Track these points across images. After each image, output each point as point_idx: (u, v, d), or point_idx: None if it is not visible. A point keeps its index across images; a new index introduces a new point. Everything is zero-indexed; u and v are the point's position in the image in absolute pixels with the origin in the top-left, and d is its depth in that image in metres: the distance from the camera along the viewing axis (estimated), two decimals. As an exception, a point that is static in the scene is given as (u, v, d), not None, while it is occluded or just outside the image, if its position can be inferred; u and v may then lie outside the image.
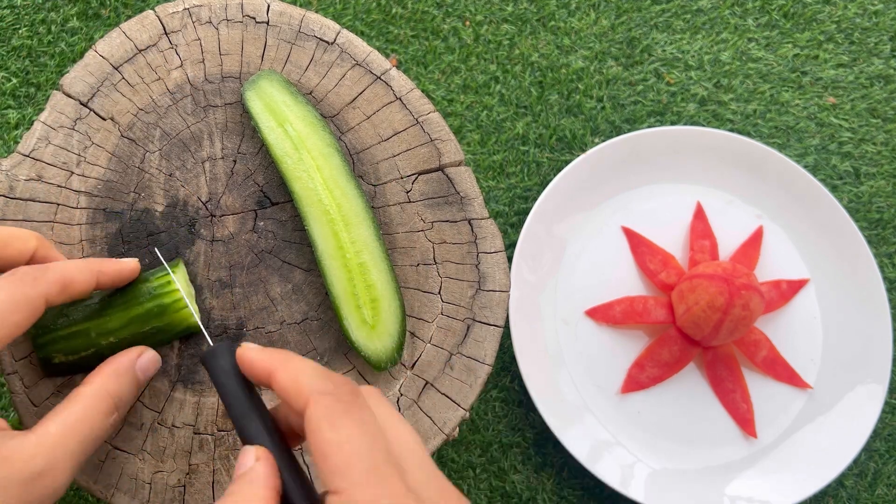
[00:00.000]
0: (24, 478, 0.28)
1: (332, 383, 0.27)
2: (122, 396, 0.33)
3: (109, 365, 0.34)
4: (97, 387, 0.32)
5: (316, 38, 0.42)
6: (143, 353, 0.35)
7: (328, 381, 0.27)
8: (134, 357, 0.35)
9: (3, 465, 0.28)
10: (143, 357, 0.35)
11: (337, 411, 0.26)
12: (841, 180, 0.69)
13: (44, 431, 0.30)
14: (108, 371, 0.33)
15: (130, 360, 0.34)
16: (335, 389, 0.27)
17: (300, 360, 0.29)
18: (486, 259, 0.41)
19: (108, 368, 0.33)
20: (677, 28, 0.72)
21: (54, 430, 0.30)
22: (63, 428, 0.30)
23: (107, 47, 0.41)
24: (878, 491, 0.62)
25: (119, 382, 0.33)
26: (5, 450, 0.28)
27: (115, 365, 0.34)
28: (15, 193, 0.39)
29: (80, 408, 0.31)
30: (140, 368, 0.35)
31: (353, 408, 0.26)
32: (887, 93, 0.71)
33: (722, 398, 0.62)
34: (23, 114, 0.65)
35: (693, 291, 0.58)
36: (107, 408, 0.32)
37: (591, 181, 0.65)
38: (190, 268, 0.39)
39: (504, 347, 0.63)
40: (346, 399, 0.27)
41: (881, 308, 0.62)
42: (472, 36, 0.70)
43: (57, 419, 0.30)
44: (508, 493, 0.61)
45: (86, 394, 0.32)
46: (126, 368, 0.34)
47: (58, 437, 0.30)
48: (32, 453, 0.29)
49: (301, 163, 0.39)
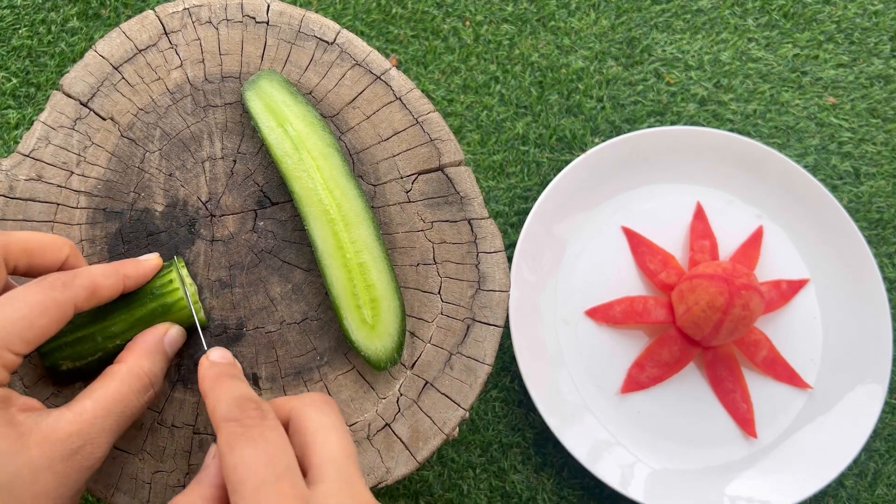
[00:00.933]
0: (64, 455, 0.29)
1: (238, 409, 0.29)
2: (156, 373, 0.34)
3: (140, 343, 0.35)
4: (132, 364, 0.33)
5: (316, 38, 0.42)
6: (169, 329, 0.36)
7: (236, 407, 0.30)
8: (161, 333, 0.35)
9: (43, 444, 0.29)
10: (170, 333, 0.36)
11: (236, 435, 0.28)
12: (841, 180, 0.69)
13: (80, 409, 0.31)
14: (140, 350, 0.34)
15: (159, 337, 0.35)
16: (241, 414, 0.29)
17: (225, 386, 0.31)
18: (486, 259, 0.41)
19: (139, 347, 0.34)
20: (677, 28, 0.72)
21: (90, 407, 0.31)
22: (99, 406, 0.31)
23: (107, 47, 0.41)
24: (878, 491, 0.62)
25: (152, 360, 0.34)
26: (44, 428, 0.29)
27: (145, 343, 0.35)
28: (15, 193, 0.39)
29: (115, 386, 0.32)
30: (168, 343, 0.36)
31: (253, 431, 0.29)
32: (887, 93, 0.71)
33: (722, 398, 0.62)
34: (23, 114, 0.65)
35: (693, 291, 0.58)
36: (142, 385, 0.33)
37: (591, 181, 0.65)
38: (190, 268, 0.39)
39: (504, 347, 0.63)
40: (250, 422, 0.29)
41: (881, 308, 0.62)
42: (472, 36, 0.70)
43: (94, 395, 0.31)
44: (508, 493, 0.61)
45: (121, 372, 0.33)
46: (157, 345, 0.35)
47: (94, 415, 0.31)
48: (70, 431, 0.30)
49: (301, 163, 0.39)
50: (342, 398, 0.39)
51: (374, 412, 0.39)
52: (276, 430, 0.29)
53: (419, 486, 0.60)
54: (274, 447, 0.28)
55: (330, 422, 0.30)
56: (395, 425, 0.38)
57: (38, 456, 0.28)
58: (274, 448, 0.28)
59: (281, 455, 0.28)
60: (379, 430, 0.38)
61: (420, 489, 0.60)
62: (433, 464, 0.61)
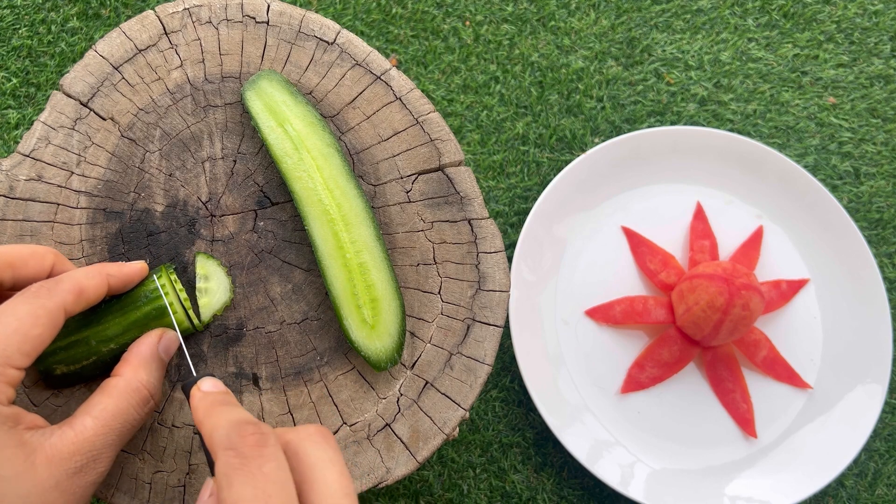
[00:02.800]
0: (69, 473, 0.30)
1: (238, 437, 0.28)
2: (153, 383, 0.34)
3: (135, 354, 0.34)
4: (129, 378, 0.33)
5: (316, 38, 0.42)
6: (162, 336, 0.36)
7: (234, 435, 0.28)
8: (155, 341, 0.35)
9: (50, 463, 0.29)
10: (164, 339, 0.36)
11: (234, 468, 0.27)
12: (841, 180, 0.69)
13: (82, 427, 0.31)
14: (136, 361, 0.34)
15: (153, 345, 0.35)
16: (240, 443, 0.27)
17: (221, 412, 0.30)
18: (486, 259, 0.41)
19: (135, 358, 0.34)
20: (677, 28, 0.72)
21: (91, 425, 0.31)
22: (100, 423, 0.31)
23: (107, 47, 0.41)
24: (878, 491, 0.62)
25: (149, 370, 0.34)
26: (48, 449, 0.30)
27: (140, 354, 0.34)
28: (15, 193, 0.39)
29: (114, 402, 0.32)
30: (163, 350, 0.36)
31: (251, 462, 0.27)
32: (887, 93, 0.71)
33: (722, 398, 0.62)
34: (23, 114, 0.65)
35: (693, 291, 0.58)
36: (141, 398, 0.33)
37: (591, 181, 0.65)
38: (190, 268, 0.39)
39: (504, 347, 0.63)
40: (248, 453, 0.27)
41: (881, 308, 0.62)
42: (472, 36, 0.70)
43: (94, 412, 0.31)
44: (508, 493, 0.61)
45: (119, 387, 0.33)
46: (152, 355, 0.35)
47: (95, 432, 0.31)
48: (73, 450, 0.30)
49: (301, 163, 0.39)
50: (342, 398, 0.39)
51: (375, 412, 0.39)
52: (275, 461, 0.27)
53: (419, 486, 0.60)
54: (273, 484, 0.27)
55: (328, 457, 0.29)
56: (395, 425, 0.38)
57: (45, 476, 0.29)
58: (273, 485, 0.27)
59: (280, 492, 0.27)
60: (379, 430, 0.38)
61: (420, 489, 0.60)
62: (433, 464, 0.61)
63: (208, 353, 0.38)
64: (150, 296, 0.36)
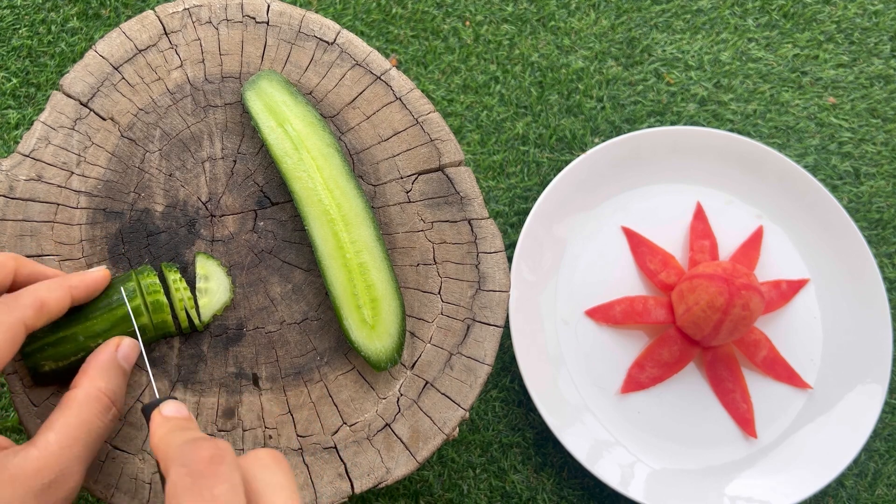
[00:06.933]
0: (36, 491, 0.29)
1: (192, 451, 0.27)
2: (115, 391, 0.33)
3: (92, 364, 0.34)
4: (87, 387, 0.32)
5: (316, 39, 0.42)
6: (120, 343, 0.35)
7: (188, 450, 0.27)
8: (113, 349, 0.35)
9: (14, 483, 0.29)
10: (122, 347, 0.35)
11: (184, 487, 0.26)
12: (841, 180, 0.69)
13: (45, 443, 0.30)
14: (95, 370, 0.33)
15: (111, 353, 0.34)
16: (193, 459, 0.27)
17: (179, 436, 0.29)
18: (486, 259, 0.41)
19: (92, 369, 0.33)
20: (677, 28, 0.72)
21: (54, 440, 0.30)
22: (62, 436, 0.30)
23: (107, 47, 0.41)
24: (878, 491, 0.62)
25: (108, 378, 0.33)
26: (12, 469, 0.29)
27: (98, 362, 0.34)
28: (15, 193, 0.39)
29: (75, 412, 0.31)
30: (122, 358, 0.35)
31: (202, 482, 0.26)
32: (887, 93, 0.71)
33: (722, 398, 0.62)
34: (23, 114, 0.65)
35: (693, 291, 0.58)
36: (102, 406, 0.32)
37: (591, 181, 0.65)
38: (190, 268, 0.39)
39: (504, 347, 0.63)
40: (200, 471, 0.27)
41: (881, 308, 0.62)
42: (472, 36, 0.70)
43: (55, 426, 0.31)
44: (508, 493, 0.61)
45: (78, 398, 0.32)
46: (110, 362, 0.34)
47: (59, 446, 0.30)
48: (37, 467, 0.29)
49: (301, 163, 0.39)
50: (342, 398, 0.39)
51: (374, 412, 0.39)
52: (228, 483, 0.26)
53: (419, 486, 0.60)
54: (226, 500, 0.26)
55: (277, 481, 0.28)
56: (395, 425, 0.38)
57: (9, 496, 0.28)
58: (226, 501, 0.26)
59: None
60: (379, 430, 0.38)
61: (420, 489, 0.60)
62: (433, 464, 0.61)
63: (208, 353, 0.38)
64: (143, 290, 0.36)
